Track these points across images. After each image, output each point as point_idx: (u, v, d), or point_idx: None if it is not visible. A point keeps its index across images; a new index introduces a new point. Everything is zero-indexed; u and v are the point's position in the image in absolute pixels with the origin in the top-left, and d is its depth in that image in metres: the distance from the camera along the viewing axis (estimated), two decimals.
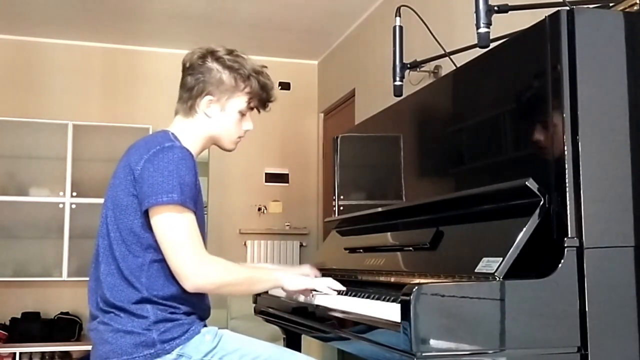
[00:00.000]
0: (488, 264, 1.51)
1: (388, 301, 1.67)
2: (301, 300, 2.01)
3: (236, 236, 5.61)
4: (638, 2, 1.96)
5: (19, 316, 4.98)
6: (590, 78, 1.54)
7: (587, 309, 1.46)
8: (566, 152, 1.51)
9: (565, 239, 1.48)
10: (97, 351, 1.70)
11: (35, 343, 4.79)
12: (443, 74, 3.22)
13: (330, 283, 1.91)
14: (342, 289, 1.92)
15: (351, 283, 2.04)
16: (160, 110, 4.62)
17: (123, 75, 5.50)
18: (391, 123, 2.50)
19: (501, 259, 1.48)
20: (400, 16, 2.66)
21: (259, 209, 5.71)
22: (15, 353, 4.71)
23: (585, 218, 1.49)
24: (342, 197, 2.86)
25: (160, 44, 5.42)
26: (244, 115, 1.88)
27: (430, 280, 1.71)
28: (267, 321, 2.50)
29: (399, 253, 2.02)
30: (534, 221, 1.51)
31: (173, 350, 1.66)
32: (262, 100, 1.90)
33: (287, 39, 5.31)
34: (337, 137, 2.97)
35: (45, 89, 5.31)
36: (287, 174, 5.82)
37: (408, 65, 2.71)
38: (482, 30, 1.82)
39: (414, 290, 1.38)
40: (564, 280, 1.46)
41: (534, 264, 1.48)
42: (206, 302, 1.83)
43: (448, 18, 3.39)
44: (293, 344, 2.53)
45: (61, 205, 5.02)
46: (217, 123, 1.85)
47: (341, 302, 1.81)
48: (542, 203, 1.52)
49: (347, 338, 1.75)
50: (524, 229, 1.50)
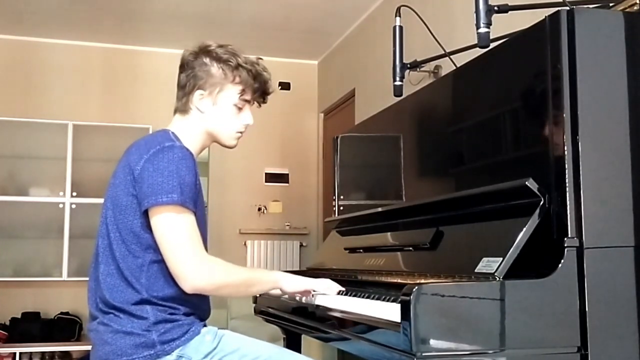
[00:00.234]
0: (488, 264, 1.51)
1: (388, 301, 1.67)
2: (301, 300, 2.01)
3: (236, 236, 5.61)
4: (638, 2, 1.96)
5: (19, 316, 4.98)
6: (590, 78, 1.54)
7: (587, 309, 1.46)
8: (566, 152, 1.51)
9: (565, 239, 1.48)
10: (97, 352, 1.69)
11: (35, 343, 4.78)
12: (443, 74, 3.22)
13: (329, 284, 1.91)
14: (342, 290, 1.92)
15: (351, 283, 2.04)
16: (160, 110, 4.60)
17: (123, 75, 5.50)
18: (391, 123, 2.50)
19: (501, 259, 1.48)
20: (400, 16, 2.66)
21: (259, 209, 5.71)
22: (15, 353, 4.71)
23: (585, 218, 1.49)
24: (342, 197, 2.86)
25: (160, 44, 5.42)
26: (241, 109, 1.84)
27: (430, 280, 1.71)
28: (267, 321, 2.49)
29: (399, 253, 2.02)
30: (534, 221, 1.51)
31: (173, 351, 1.65)
32: (256, 90, 1.84)
33: (287, 39, 5.31)
34: (337, 137, 2.97)
35: (45, 89, 5.31)
36: (287, 174, 5.82)
37: (408, 65, 2.71)
38: (482, 30, 1.83)
39: (414, 290, 1.38)
40: (564, 280, 1.46)
41: (534, 264, 1.48)
42: (207, 303, 1.82)
43: (448, 18, 3.39)
44: (293, 344, 2.53)
45: (61, 205, 5.02)
46: (211, 117, 1.82)
47: (341, 302, 1.81)
48: (542, 203, 1.52)
49: (347, 338, 1.75)
50: (524, 229, 1.50)
